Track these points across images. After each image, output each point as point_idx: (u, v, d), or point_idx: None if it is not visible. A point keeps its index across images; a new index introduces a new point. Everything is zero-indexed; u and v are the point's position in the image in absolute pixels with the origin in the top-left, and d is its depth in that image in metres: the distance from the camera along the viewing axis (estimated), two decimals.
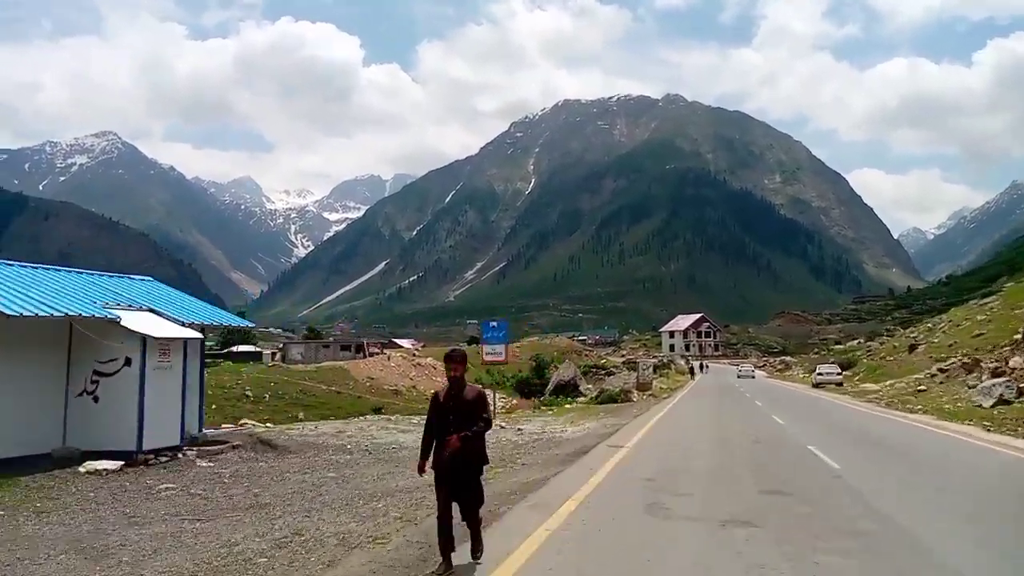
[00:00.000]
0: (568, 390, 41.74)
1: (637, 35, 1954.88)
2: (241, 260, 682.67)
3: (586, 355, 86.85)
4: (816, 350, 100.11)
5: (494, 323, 26.34)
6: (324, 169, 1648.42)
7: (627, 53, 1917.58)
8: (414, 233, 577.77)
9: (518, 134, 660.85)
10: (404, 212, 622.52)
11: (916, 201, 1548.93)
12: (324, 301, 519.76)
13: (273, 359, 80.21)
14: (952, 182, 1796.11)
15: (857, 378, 48.35)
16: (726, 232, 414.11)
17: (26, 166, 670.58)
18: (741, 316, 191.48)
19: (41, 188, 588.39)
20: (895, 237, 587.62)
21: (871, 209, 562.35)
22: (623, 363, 77.98)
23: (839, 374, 47.76)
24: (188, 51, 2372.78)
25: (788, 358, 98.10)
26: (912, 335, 55.25)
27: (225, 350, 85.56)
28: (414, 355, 67.46)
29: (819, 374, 48.31)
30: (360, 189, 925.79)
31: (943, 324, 51.52)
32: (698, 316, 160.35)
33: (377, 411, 38.92)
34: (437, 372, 55.32)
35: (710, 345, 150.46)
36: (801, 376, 67.32)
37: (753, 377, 79.64)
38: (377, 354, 73.37)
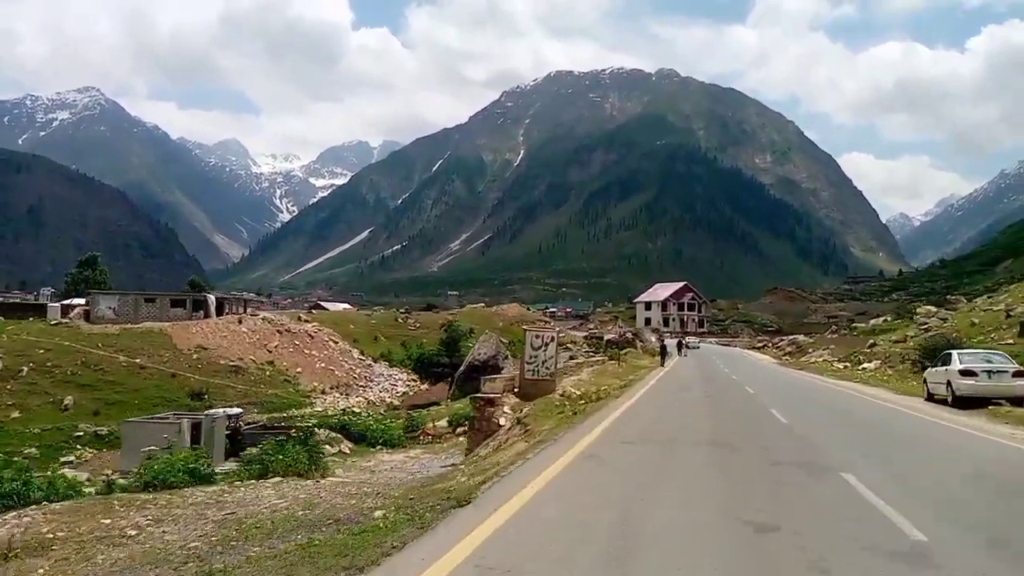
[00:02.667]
0: (486, 372, 32.55)
1: (631, 8, 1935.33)
2: (225, 223, 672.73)
3: (542, 326, 76.52)
4: (830, 328, 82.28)
5: None
6: (311, 134, 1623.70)
7: (620, 26, 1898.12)
8: (399, 201, 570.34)
9: (508, 104, 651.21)
10: (390, 180, 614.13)
11: (905, 187, 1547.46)
12: (306, 267, 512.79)
13: (66, 314, 57.98)
14: (941, 169, 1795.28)
15: None
16: (714, 210, 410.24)
17: (5, 119, 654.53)
18: (727, 295, 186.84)
19: (20, 143, 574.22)
20: (883, 222, 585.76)
21: (860, 193, 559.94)
22: (585, 338, 67.56)
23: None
24: (173, 6, 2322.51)
25: (800, 337, 74.34)
26: (993, 306, 41.07)
27: None
28: (300, 319, 54.44)
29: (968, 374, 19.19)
30: (347, 155, 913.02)
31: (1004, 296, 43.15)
32: (680, 285, 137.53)
33: (197, 396, 31.34)
34: (315, 343, 44.94)
35: (693, 320, 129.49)
36: (837, 367, 42.14)
37: (698, 348, 71.13)
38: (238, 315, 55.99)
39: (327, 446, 22.81)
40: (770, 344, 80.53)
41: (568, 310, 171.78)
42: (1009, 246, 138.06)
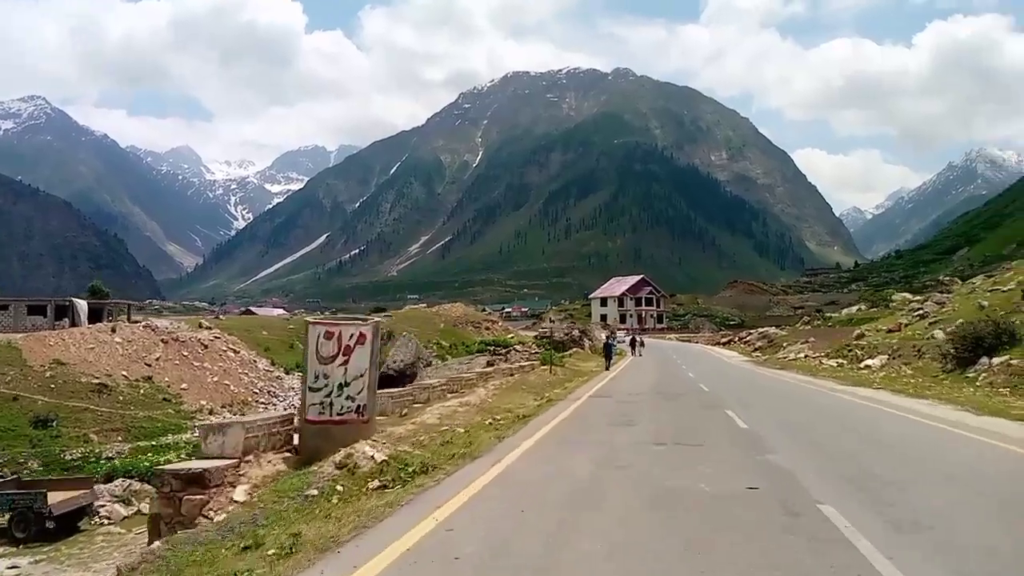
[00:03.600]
0: (403, 383, 27.81)
1: (585, 8, 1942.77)
2: (178, 232, 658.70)
3: (487, 329, 70.18)
4: (801, 319, 75.32)
5: None
6: (267, 139, 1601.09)
7: (575, 26, 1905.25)
8: (356, 205, 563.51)
9: (466, 105, 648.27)
10: (347, 184, 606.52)
11: (857, 181, 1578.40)
12: (262, 275, 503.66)
13: None
14: (892, 163, 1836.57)
15: None
16: (672, 208, 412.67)
17: None
18: (687, 291, 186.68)
19: None
20: (837, 216, 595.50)
21: (815, 188, 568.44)
22: (535, 338, 60.48)
23: None
24: (121, 12, 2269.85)
25: (770, 330, 65.06)
26: (1001, 286, 33.55)
27: None
28: (201, 326, 46.24)
29: None
30: (303, 160, 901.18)
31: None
32: (637, 279, 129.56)
33: (42, 423, 25.55)
34: (209, 354, 38.53)
35: (652, 315, 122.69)
36: (829, 365, 34.86)
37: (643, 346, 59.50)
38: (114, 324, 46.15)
39: (103, 515, 18.28)
40: (736, 339, 72.98)
41: (524, 309, 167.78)
42: (964, 235, 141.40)
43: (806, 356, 40.98)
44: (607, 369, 36.33)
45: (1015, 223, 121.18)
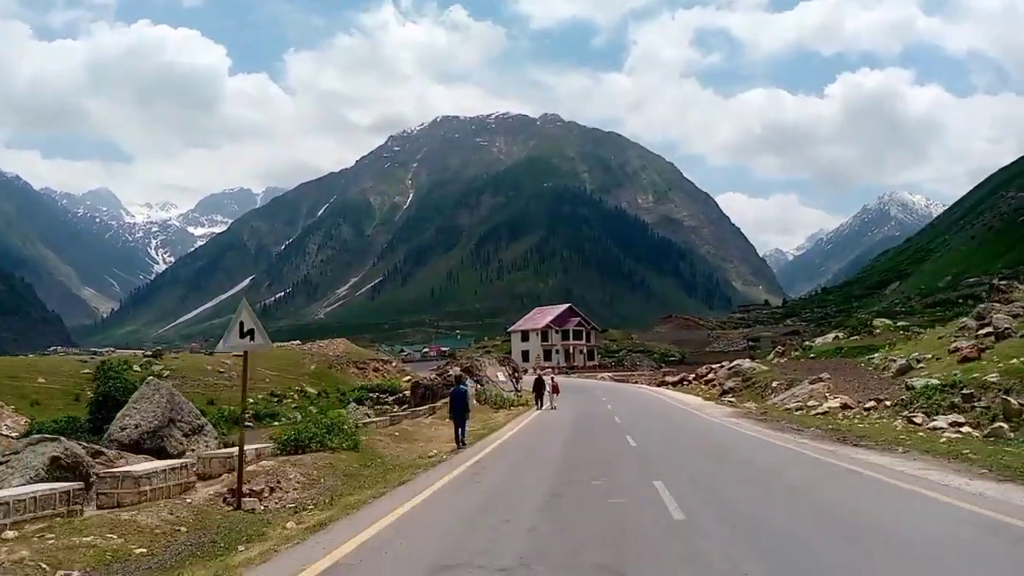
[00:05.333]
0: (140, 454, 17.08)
1: (512, 55, 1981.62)
2: (94, 276, 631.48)
3: (375, 371, 59.13)
4: (775, 349, 56.78)
5: None
6: (189, 182, 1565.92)
7: (503, 73, 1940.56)
8: (282, 247, 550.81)
9: (395, 148, 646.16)
10: (273, 226, 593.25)
11: (777, 223, 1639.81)
12: (182, 319, 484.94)
13: None
14: (809, 206, 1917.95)
15: None
16: (601, 249, 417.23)
17: None
18: (619, 329, 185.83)
19: None
20: (760, 256, 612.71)
21: (739, 230, 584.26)
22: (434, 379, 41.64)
23: None
24: (32, 53, 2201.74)
25: (744, 364, 45.95)
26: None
27: None
28: None
29: None
30: (228, 203, 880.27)
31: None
32: (563, 308, 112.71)
33: None
34: None
35: (581, 351, 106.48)
36: (963, 439, 15.69)
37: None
38: None
39: None
40: (693, 378, 53.13)
41: (444, 349, 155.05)
42: (892, 270, 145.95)
43: (841, 408, 23.42)
44: (459, 444, 19.28)
45: (941, 258, 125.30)
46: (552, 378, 36.55)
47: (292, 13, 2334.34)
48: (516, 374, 47.32)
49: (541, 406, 34.22)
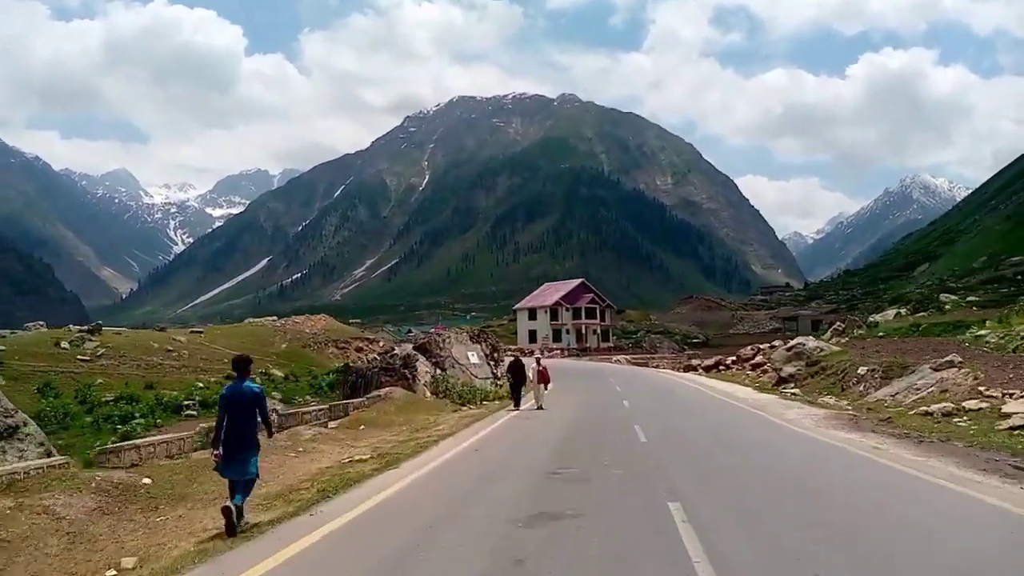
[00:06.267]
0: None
1: (528, 35, 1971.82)
2: (113, 257, 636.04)
3: (358, 350, 49.56)
4: (832, 329, 45.75)
5: None
6: (207, 163, 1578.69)
7: (520, 53, 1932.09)
8: (299, 229, 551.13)
9: (411, 129, 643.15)
10: (289, 207, 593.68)
11: (797, 207, 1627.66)
12: (200, 300, 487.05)
13: None
14: (830, 189, 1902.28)
15: None
16: (619, 231, 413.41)
17: None
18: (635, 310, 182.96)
19: None
20: (780, 240, 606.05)
21: (758, 212, 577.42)
22: (373, 361, 36.66)
23: None
24: (51, 33, 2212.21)
25: (808, 343, 34.28)
26: None
27: None
28: None
29: None
30: (246, 184, 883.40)
31: None
32: (576, 283, 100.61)
33: None
34: None
35: (595, 331, 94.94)
36: None
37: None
38: None
39: None
40: (729, 362, 42.52)
41: (443, 328, 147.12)
42: (919, 252, 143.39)
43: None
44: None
45: (973, 239, 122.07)
46: (538, 361, 24.67)
47: None
48: (496, 354, 35.34)
49: (518, 404, 23.60)
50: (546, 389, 24.34)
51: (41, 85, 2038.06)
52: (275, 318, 64.55)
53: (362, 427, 18.66)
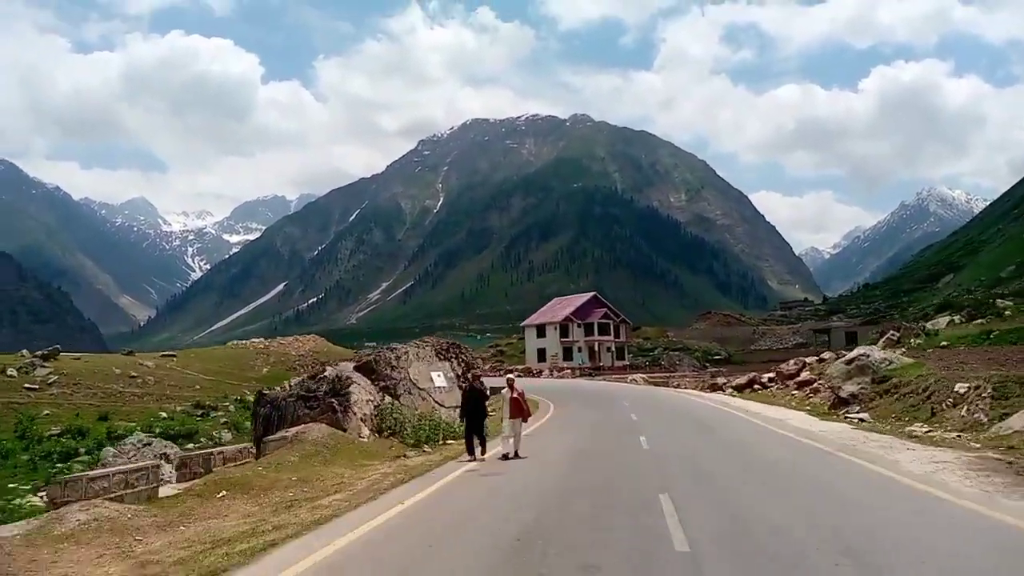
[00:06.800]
0: None
1: (541, 56, 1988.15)
2: (132, 284, 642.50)
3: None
4: (885, 339, 38.32)
5: None
6: (225, 190, 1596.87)
7: (533, 74, 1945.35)
8: (315, 253, 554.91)
9: (425, 152, 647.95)
10: (305, 232, 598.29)
11: (812, 222, 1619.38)
12: (217, 326, 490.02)
13: None
14: (845, 203, 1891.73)
15: None
16: (633, 249, 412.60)
17: None
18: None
19: None
20: (796, 255, 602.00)
21: (773, 227, 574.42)
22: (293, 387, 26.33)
23: None
24: (71, 64, 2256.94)
25: (874, 353, 26.88)
26: None
27: None
28: None
29: None
30: (263, 210, 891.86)
31: None
32: (588, 297, 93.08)
33: None
34: None
35: (608, 349, 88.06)
36: None
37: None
38: None
39: None
40: (766, 380, 35.56)
41: None
42: (942, 263, 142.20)
43: None
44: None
45: (997, 249, 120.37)
46: (511, 384, 16.74)
47: (320, 20, 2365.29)
48: (470, 372, 25.23)
49: (478, 453, 15.83)
50: (525, 423, 16.87)
51: (62, 116, 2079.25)
52: (261, 340, 62.45)
53: (222, 493, 12.06)
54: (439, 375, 23.79)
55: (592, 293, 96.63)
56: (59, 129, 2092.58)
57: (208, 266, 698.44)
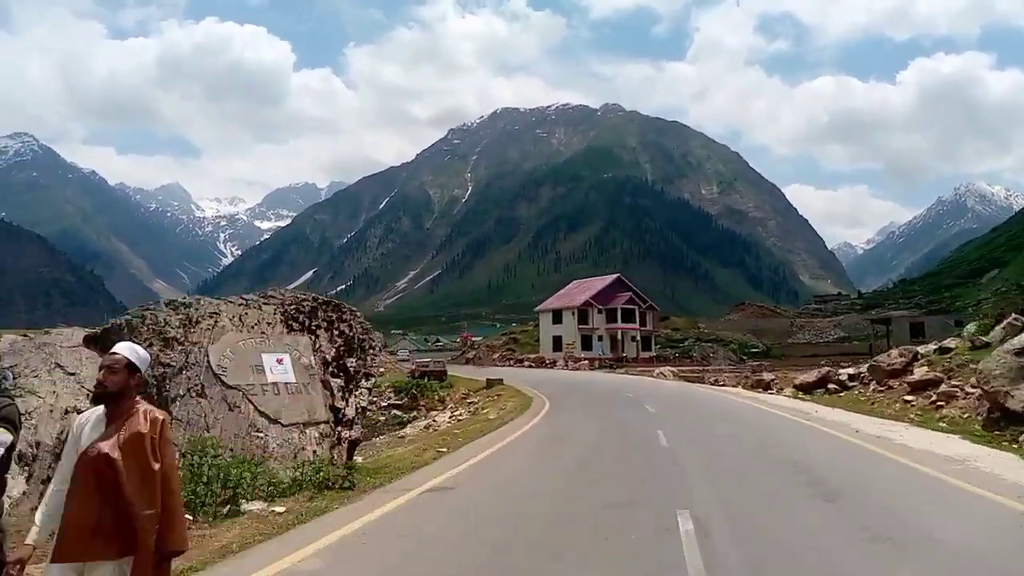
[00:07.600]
0: None
1: (571, 46, 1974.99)
2: (165, 269, 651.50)
3: None
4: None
5: None
6: (257, 176, 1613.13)
7: (564, 63, 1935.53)
8: (344, 240, 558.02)
9: (455, 141, 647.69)
10: (335, 219, 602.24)
11: (846, 216, 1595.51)
12: None
13: None
14: (880, 198, 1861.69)
15: None
16: (663, 241, 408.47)
17: None
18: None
19: None
20: (829, 250, 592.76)
21: (806, 221, 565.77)
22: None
23: None
24: (108, 51, 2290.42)
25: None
26: None
27: None
28: None
29: None
30: (294, 197, 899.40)
31: None
32: (611, 279, 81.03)
33: None
34: None
35: (633, 338, 76.58)
36: None
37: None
38: None
39: None
40: (844, 378, 25.09)
41: (475, 338, 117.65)
42: (984, 259, 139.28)
43: None
44: None
45: None
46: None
47: (351, 7, 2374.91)
48: (360, 360, 11.92)
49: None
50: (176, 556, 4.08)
51: (98, 102, 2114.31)
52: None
53: None
54: (281, 361, 10.85)
55: (616, 275, 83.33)
56: (96, 115, 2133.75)
57: (239, 252, 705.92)
